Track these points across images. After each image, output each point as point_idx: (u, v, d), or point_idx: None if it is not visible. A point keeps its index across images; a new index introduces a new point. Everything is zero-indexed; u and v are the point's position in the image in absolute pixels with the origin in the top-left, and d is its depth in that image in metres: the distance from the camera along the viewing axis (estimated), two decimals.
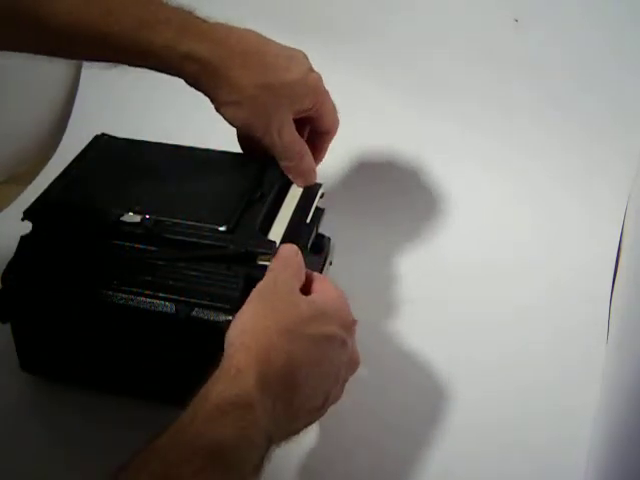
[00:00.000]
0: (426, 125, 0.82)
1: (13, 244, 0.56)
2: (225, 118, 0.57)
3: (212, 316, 0.51)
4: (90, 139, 0.65)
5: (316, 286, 0.50)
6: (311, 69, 0.59)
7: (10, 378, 0.60)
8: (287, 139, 0.58)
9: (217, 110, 0.57)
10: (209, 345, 0.52)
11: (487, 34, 0.80)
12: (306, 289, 0.49)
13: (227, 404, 0.39)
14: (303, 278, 0.49)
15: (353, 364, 0.49)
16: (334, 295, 0.49)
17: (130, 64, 0.56)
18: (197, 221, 0.54)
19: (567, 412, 0.59)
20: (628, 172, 0.72)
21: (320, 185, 0.62)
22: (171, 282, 0.52)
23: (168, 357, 0.54)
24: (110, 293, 0.53)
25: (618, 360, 0.56)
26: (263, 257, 0.53)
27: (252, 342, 0.42)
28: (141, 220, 0.54)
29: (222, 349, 0.51)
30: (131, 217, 0.54)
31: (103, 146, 0.64)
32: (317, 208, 0.61)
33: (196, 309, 0.51)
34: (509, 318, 0.67)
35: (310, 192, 0.61)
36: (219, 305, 0.51)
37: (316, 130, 0.62)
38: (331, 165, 0.78)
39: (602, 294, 0.68)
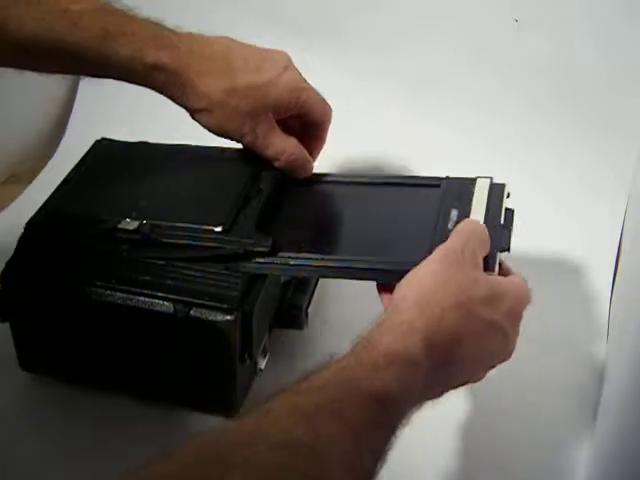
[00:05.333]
0: (426, 125, 0.82)
1: (13, 244, 0.56)
2: (200, 124, 0.57)
3: (210, 316, 0.51)
4: (90, 138, 0.65)
5: (504, 272, 0.49)
6: (287, 67, 0.58)
7: (9, 377, 0.60)
8: (266, 139, 0.58)
9: (192, 117, 0.57)
10: (207, 344, 0.52)
11: (487, 34, 0.80)
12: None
13: (395, 356, 0.40)
14: (487, 250, 0.48)
15: (506, 356, 0.48)
16: (517, 284, 0.48)
17: (97, 76, 0.56)
18: (193, 223, 0.54)
19: (567, 412, 0.59)
20: (628, 171, 0.72)
21: (504, 185, 0.57)
22: (169, 281, 0.52)
23: (167, 357, 0.54)
24: (108, 292, 0.52)
25: (618, 360, 0.56)
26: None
27: (426, 307, 0.43)
28: (138, 226, 0.54)
29: (221, 349, 0.52)
30: (128, 224, 0.54)
31: (102, 152, 0.64)
32: (507, 209, 0.56)
33: (194, 309, 0.51)
34: None
35: (495, 193, 0.56)
36: (218, 305, 0.51)
37: (308, 123, 0.61)
38: (328, 166, 0.78)
39: (602, 294, 0.68)
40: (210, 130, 0.58)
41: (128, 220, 0.55)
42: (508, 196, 0.57)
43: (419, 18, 0.83)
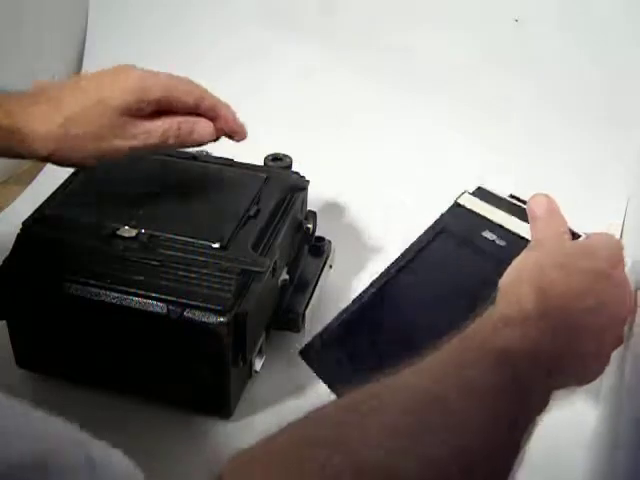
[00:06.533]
0: (426, 123, 0.82)
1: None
2: (68, 167, 0.56)
3: (203, 317, 0.51)
4: None
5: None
6: (121, 72, 0.54)
7: (5, 374, 0.60)
8: (140, 133, 0.54)
9: (56, 165, 0.55)
10: (200, 346, 0.52)
11: (487, 34, 0.80)
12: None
13: (510, 319, 0.40)
14: (564, 222, 0.48)
15: (625, 306, 0.45)
16: (599, 234, 0.47)
17: None
18: (191, 237, 0.54)
19: (567, 411, 0.58)
20: (628, 171, 0.72)
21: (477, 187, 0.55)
22: (163, 282, 0.52)
23: (161, 357, 0.54)
24: (103, 292, 0.53)
25: (618, 358, 0.56)
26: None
27: (528, 278, 0.43)
28: (136, 234, 0.54)
29: (214, 351, 0.52)
30: (127, 231, 0.55)
31: None
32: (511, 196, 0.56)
33: (188, 310, 0.51)
34: None
35: (483, 194, 0.55)
36: (211, 306, 0.51)
37: (187, 110, 0.55)
38: (328, 168, 0.78)
39: None
40: (81, 166, 0.57)
41: (127, 227, 0.55)
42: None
43: (419, 18, 0.83)
